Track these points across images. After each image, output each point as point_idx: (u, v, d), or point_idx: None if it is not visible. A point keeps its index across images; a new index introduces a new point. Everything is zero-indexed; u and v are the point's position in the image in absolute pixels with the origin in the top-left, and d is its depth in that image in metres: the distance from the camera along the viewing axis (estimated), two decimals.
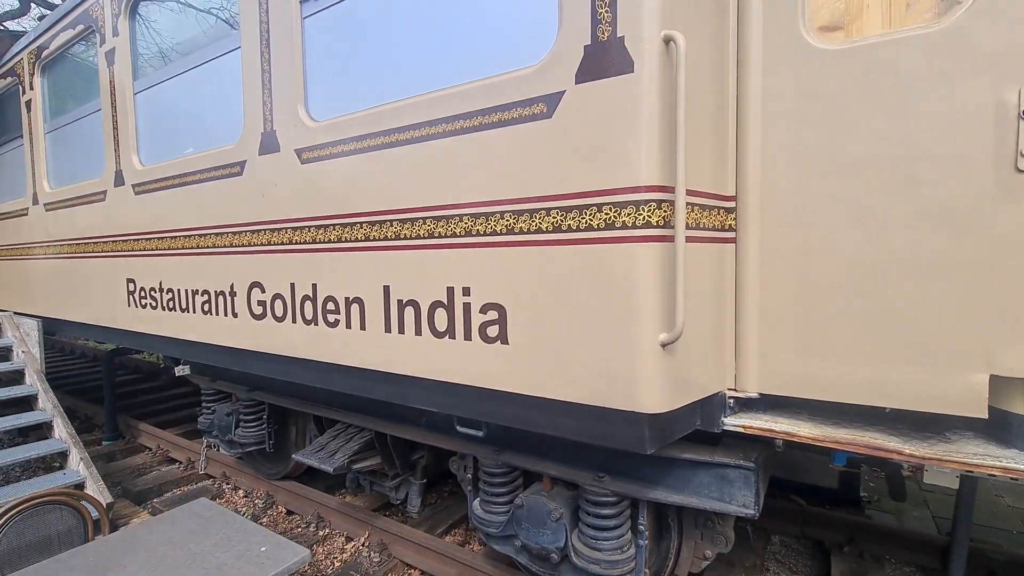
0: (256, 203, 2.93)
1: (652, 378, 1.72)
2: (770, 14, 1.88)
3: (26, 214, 5.36)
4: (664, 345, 1.72)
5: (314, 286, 2.68)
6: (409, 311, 2.31)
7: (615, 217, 1.72)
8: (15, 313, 5.75)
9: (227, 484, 5.10)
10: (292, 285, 2.78)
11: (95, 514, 3.51)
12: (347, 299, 2.54)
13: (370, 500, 4.45)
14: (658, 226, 1.68)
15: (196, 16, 3.57)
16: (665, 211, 1.69)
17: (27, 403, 5.11)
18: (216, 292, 3.24)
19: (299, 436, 4.35)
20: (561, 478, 2.55)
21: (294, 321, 2.80)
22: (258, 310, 2.99)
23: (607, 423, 1.83)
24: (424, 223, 2.22)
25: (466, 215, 2.09)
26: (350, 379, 2.62)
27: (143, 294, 3.86)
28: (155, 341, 3.88)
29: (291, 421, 4.36)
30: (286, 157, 2.75)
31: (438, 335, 2.22)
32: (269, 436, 4.21)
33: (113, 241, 4.12)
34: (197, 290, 3.39)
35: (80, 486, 4.41)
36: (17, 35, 5.47)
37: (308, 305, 2.71)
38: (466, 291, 2.11)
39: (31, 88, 5.05)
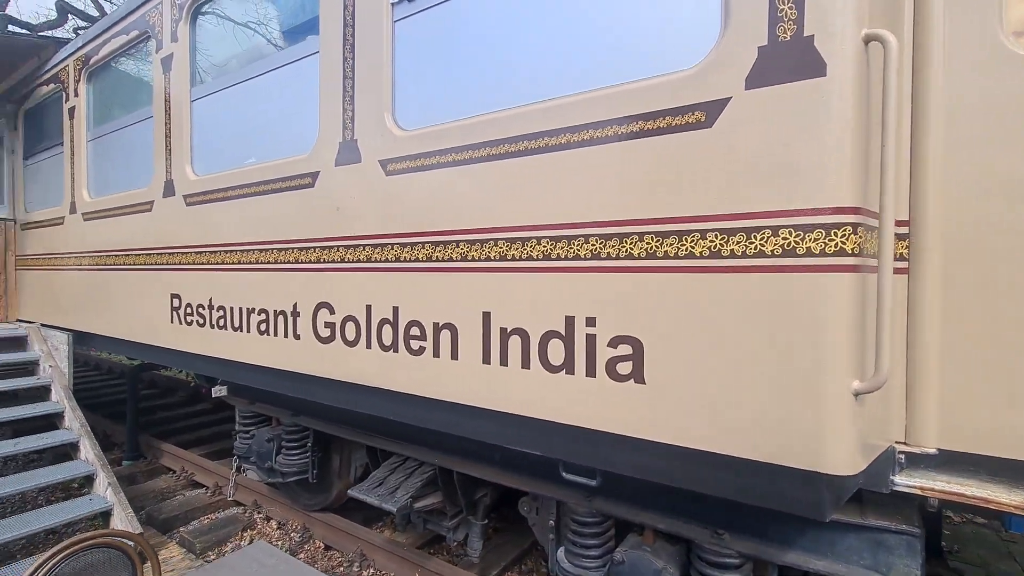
0: (329, 217, 2.71)
1: (841, 434, 1.46)
2: (958, 16, 1.66)
3: (61, 223, 5.19)
4: (857, 395, 1.46)
5: (395, 309, 2.44)
6: (515, 341, 2.06)
7: (797, 242, 1.48)
8: (42, 325, 5.54)
9: (258, 513, 4.80)
10: (368, 307, 2.55)
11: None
12: (436, 325, 2.30)
13: (414, 537, 4.13)
14: (853, 254, 1.44)
15: (260, 24, 3.42)
16: (861, 236, 1.45)
17: (51, 421, 4.87)
18: (276, 312, 3.01)
19: (343, 465, 4.07)
20: (671, 532, 2.26)
21: (368, 346, 2.55)
22: (325, 332, 2.75)
23: (773, 482, 1.56)
24: (538, 243, 1.99)
25: (593, 236, 1.85)
26: (434, 413, 2.36)
27: (189, 310, 3.64)
28: (198, 360, 3.64)
29: (334, 449, 4.09)
30: (368, 168, 2.54)
31: (551, 370, 1.97)
32: (313, 465, 3.93)
33: (158, 254, 3.91)
34: (253, 308, 3.16)
35: (107, 514, 4.13)
36: (62, 42, 5.38)
37: (387, 329, 2.47)
38: (590, 321, 1.87)
39: (75, 95, 4.93)
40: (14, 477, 4.10)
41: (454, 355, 2.25)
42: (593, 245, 1.86)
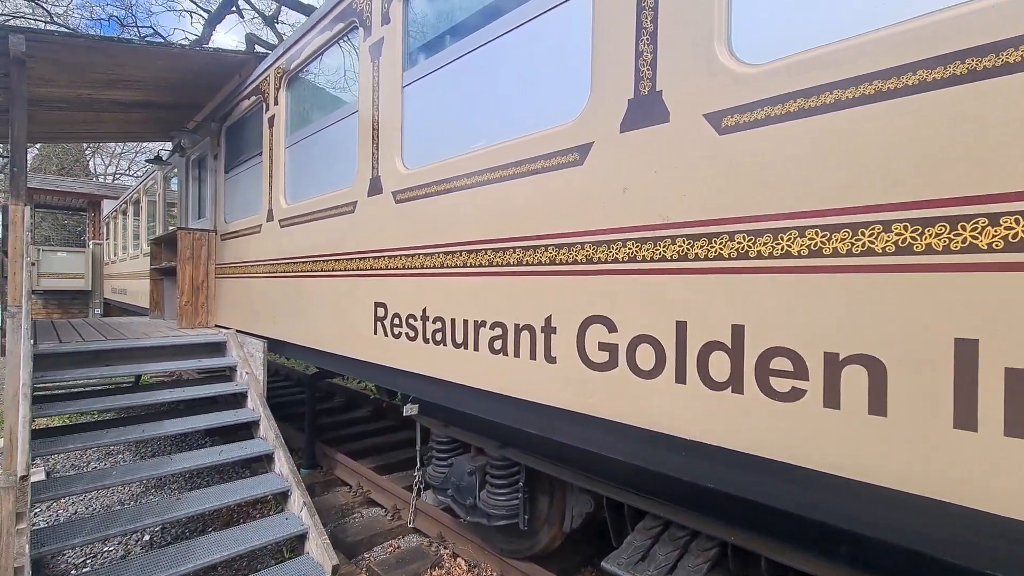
0: (611, 201, 2.02)
1: None
2: None
3: (258, 231, 5.25)
4: None
5: (737, 329, 1.66)
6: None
7: None
8: (237, 331, 5.69)
9: (444, 548, 4.33)
10: (681, 326, 1.79)
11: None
12: (823, 358, 1.47)
13: None
14: None
15: None
16: None
17: (247, 429, 4.87)
18: (519, 326, 2.40)
19: (555, 510, 3.39)
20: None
21: (681, 380, 1.79)
22: (599, 357, 2.05)
23: None
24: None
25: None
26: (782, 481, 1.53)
27: (396, 321, 3.21)
28: (405, 379, 3.19)
29: (541, 489, 3.43)
30: (685, 127, 1.80)
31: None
32: (524, 509, 3.30)
33: (360, 258, 3.58)
34: (483, 322, 2.59)
35: (302, 537, 3.88)
36: (260, 55, 5.53)
37: (719, 358, 1.70)
38: None
39: (275, 103, 4.94)
40: (216, 489, 4.02)
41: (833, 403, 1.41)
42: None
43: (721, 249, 1.69)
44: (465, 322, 2.71)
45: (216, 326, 6.43)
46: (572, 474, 3.00)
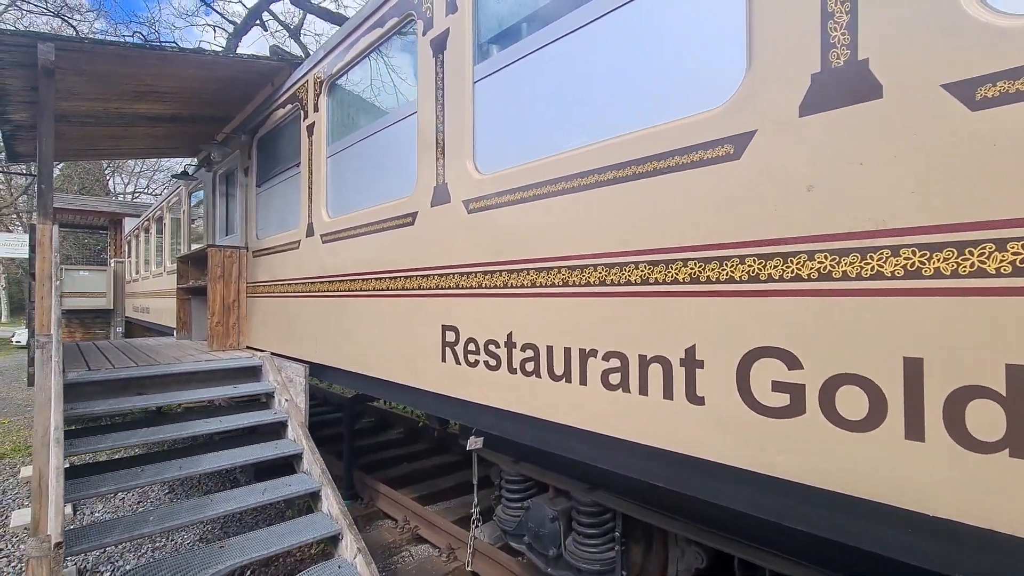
0: (798, 201, 1.61)
1: None
2: None
3: (296, 247, 4.90)
4: None
5: (1017, 373, 1.22)
6: None
7: None
8: (272, 354, 5.33)
9: None
10: (911, 364, 1.36)
11: None
12: None
13: None
14: None
15: None
16: None
17: (288, 462, 4.48)
18: (645, 358, 1.98)
19: (652, 562, 2.94)
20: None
21: (916, 435, 1.36)
22: (771, 400, 1.63)
23: None
24: None
25: None
26: None
27: (472, 348, 2.81)
28: (486, 415, 2.77)
29: (635, 539, 2.98)
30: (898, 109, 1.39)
31: None
32: (623, 564, 2.85)
33: (422, 276, 3.19)
34: (593, 351, 2.18)
35: None
36: (294, 62, 5.22)
37: (986, 409, 1.26)
38: None
39: (315, 110, 4.61)
40: (261, 535, 3.61)
41: None
42: None
43: (985, 262, 1.26)
44: (567, 351, 2.29)
45: (248, 347, 6.09)
46: (683, 525, 2.56)
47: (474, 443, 3.54)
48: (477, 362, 2.78)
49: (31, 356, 4.65)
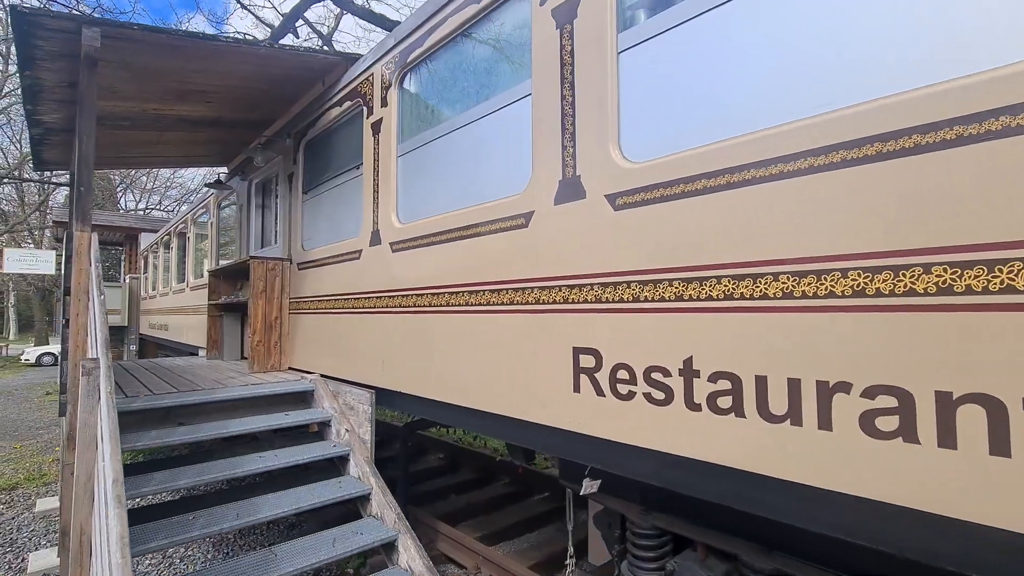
0: None
1: None
2: None
3: (356, 258, 4.39)
4: None
5: None
6: None
7: None
8: (323, 376, 4.78)
9: None
10: None
11: None
12: None
13: None
14: None
15: None
16: None
17: (352, 505, 3.91)
18: (909, 396, 1.43)
19: None
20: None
21: None
22: None
23: None
24: None
25: None
26: None
27: (624, 376, 2.25)
28: (644, 459, 2.21)
29: None
30: None
31: None
32: None
33: (541, 288, 2.66)
34: (847, 384, 1.63)
35: None
36: (351, 57, 4.78)
37: None
38: None
39: (383, 106, 4.14)
40: None
41: None
42: None
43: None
44: (794, 383, 1.74)
45: (290, 368, 5.55)
46: None
47: (590, 486, 2.97)
48: (632, 394, 2.23)
49: (62, 382, 4.13)
